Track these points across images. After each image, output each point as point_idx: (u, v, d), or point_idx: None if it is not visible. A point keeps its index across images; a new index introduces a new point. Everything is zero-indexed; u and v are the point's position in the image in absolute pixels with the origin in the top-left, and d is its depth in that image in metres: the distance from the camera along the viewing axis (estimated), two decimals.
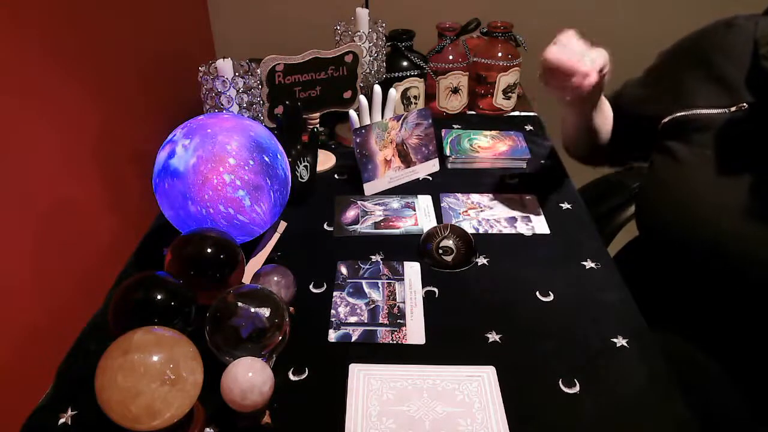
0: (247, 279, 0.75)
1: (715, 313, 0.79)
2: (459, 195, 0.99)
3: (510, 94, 1.24)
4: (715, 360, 0.80)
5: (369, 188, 0.98)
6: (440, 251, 0.84)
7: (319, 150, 0.98)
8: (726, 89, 0.75)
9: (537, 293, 0.78)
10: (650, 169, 0.84)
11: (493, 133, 1.13)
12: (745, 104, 0.73)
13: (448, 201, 0.97)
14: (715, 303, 0.78)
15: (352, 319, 0.74)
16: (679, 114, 0.79)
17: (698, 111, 0.76)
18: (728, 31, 0.77)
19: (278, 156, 0.78)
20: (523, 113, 1.28)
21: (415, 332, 0.72)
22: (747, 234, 0.71)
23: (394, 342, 0.71)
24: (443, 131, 1.13)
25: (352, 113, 0.97)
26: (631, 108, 0.90)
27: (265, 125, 0.83)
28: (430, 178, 1.04)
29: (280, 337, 0.61)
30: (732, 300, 0.76)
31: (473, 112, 1.27)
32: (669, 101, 0.81)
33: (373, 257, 0.85)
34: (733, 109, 0.73)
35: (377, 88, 0.98)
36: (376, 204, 0.96)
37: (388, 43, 1.14)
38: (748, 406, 0.78)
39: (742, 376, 0.78)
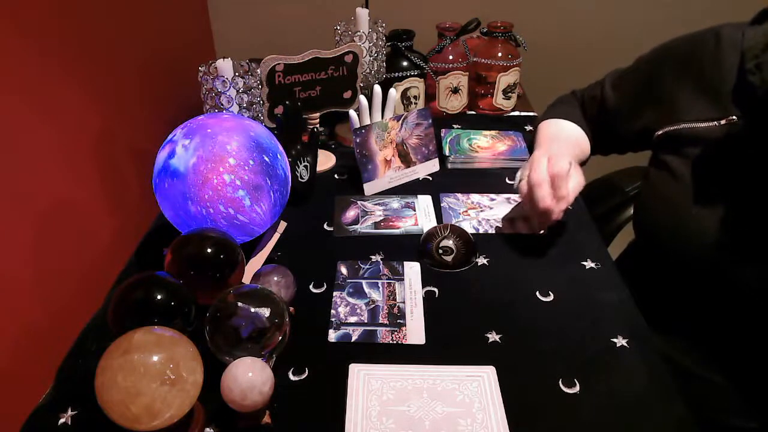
0: (247, 279, 0.75)
1: (709, 318, 0.79)
2: (459, 195, 0.99)
3: (510, 94, 1.24)
4: (711, 362, 0.80)
5: (369, 188, 0.98)
6: (440, 251, 0.84)
7: (319, 150, 0.98)
8: (715, 102, 0.74)
9: (537, 293, 0.78)
10: (646, 180, 0.84)
11: (493, 133, 1.13)
12: (734, 117, 0.72)
13: (448, 201, 0.97)
14: (709, 308, 0.78)
15: (352, 319, 0.74)
16: (671, 128, 0.78)
17: (690, 125, 0.76)
18: (717, 41, 0.75)
19: (278, 156, 0.78)
20: (523, 113, 1.28)
21: (415, 332, 0.72)
22: (736, 247, 0.71)
23: (394, 342, 0.71)
24: (443, 131, 1.13)
25: (352, 113, 0.97)
26: (620, 119, 0.89)
27: (265, 125, 0.83)
28: (430, 178, 1.04)
29: (280, 337, 0.61)
30: (725, 307, 0.76)
31: (473, 112, 1.27)
32: (660, 114, 0.81)
33: (373, 257, 0.85)
34: (723, 122, 0.73)
35: (377, 88, 0.98)
36: (376, 204, 0.96)
37: (388, 43, 1.14)
38: (744, 408, 0.78)
39: (736, 376, 0.78)
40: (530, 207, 0.80)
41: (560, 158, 0.78)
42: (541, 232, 0.88)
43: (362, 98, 0.98)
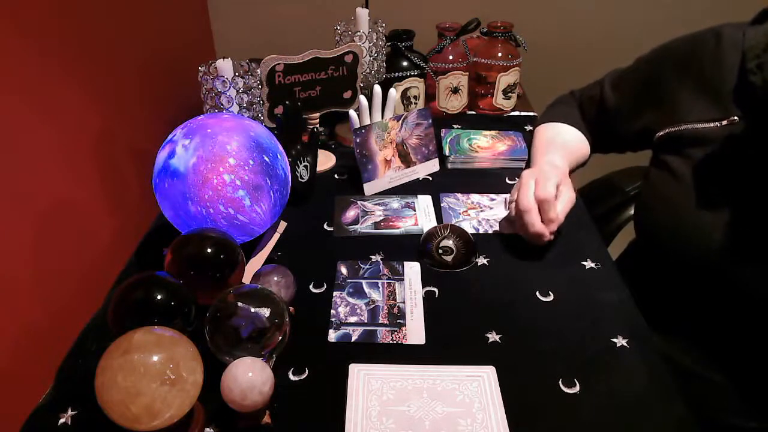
0: (247, 279, 0.75)
1: (709, 318, 0.79)
2: (459, 195, 0.99)
3: (510, 94, 1.24)
4: (711, 361, 0.80)
5: (369, 188, 0.98)
6: (440, 251, 0.84)
7: (319, 150, 0.98)
8: (716, 102, 0.74)
9: (537, 293, 0.78)
10: (647, 180, 0.84)
11: (493, 132, 1.13)
12: (735, 118, 0.72)
13: (448, 201, 0.97)
14: (709, 308, 0.78)
15: (352, 319, 0.74)
16: (672, 129, 0.78)
17: (691, 126, 0.76)
18: (717, 41, 0.75)
19: (278, 156, 0.78)
20: (523, 113, 1.28)
21: (415, 332, 0.72)
22: (737, 247, 0.71)
23: (394, 342, 0.71)
24: (443, 131, 1.13)
25: (352, 113, 0.97)
26: (619, 120, 0.89)
27: (265, 125, 0.83)
28: (430, 178, 1.04)
29: (280, 337, 0.61)
30: (725, 306, 0.76)
31: (473, 112, 1.27)
32: (661, 115, 0.80)
33: (373, 257, 0.85)
34: (724, 122, 0.73)
35: (377, 88, 0.98)
36: (376, 204, 0.96)
37: (388, 43, 1.14)
38: (744, 408, 0.78)
39: (736, 376, 0.78)
40: (521, 230, 0.82)
41: (547, 180, 0.79)
42: None
43: (362, 98, 0.98)
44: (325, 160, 1.07)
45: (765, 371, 0.76)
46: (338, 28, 1.08)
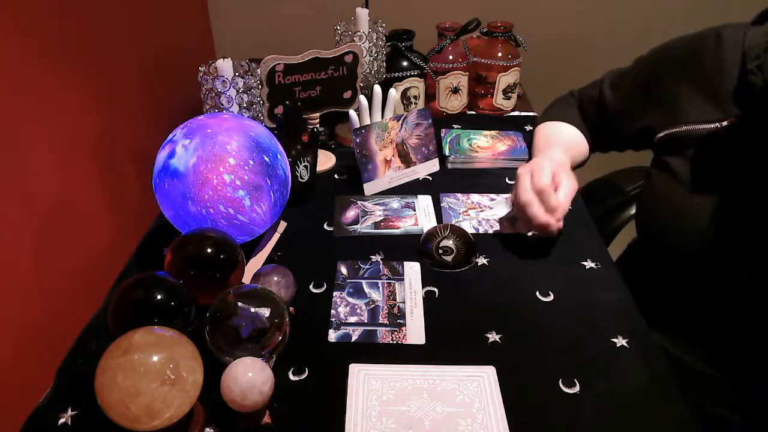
0: (247, 279, 0.75)
1: (711, 316, 0.79)
2: (459, 195, 0.99)
3: (510, 94, 1.24)
4: (713, 359, 0.80)
5: (369, 188, 0.98)
6: (440, 251, 0.84)
7: (319, 150, 0.98)
8: (716, 102, 0.74)
9: (537, 293, 0.78)
10: (648, 180, 0.84)
11: (493, 132, 1.13)
12: (735, 119, 0.72)
13: (448, 201, 0.97)
14: (710, 307, 0.79)
15: (352, 319, 0.74)
16: (672, 130, 0.78)
17: (691, 126, 0.76)
18: (718, 41, 0.75)
19: (278, 156, 0.78)
20: (523, 113, 1.28)
21: (415, 332, 0.72)
22: (738, 246, 0.71)
23: (394, 342, 0.71)
24: (443, 131, 1.13)
25: (352, 113, 0.97)
26: (619, 120, 0.89)
27: (265, 125, 0.83)
28: (430, 178, 1.04)
29: (280, 337, 0.61)
30: (726, 305, 0.76)
31: (473, 112, 1.27)
32: (661, 115, 0.80)
33: (373, 257, 0.85)
34: (724, 123, 0.73)
35: (377, 88, 0.98)
36: (376, 204, 0.96)
37: (388, 43, 1.14)
38: (743, 407, 0.78)
39: (738, 373, 0.78)
40: (527, 227, 0.82)
41: (542, 171, 0.79)
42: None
43: (362, 98, 0.98)
44: (325, 160, 1.07)
45: (767, 368, 0.76)
46: (338, 28, 1.08)
